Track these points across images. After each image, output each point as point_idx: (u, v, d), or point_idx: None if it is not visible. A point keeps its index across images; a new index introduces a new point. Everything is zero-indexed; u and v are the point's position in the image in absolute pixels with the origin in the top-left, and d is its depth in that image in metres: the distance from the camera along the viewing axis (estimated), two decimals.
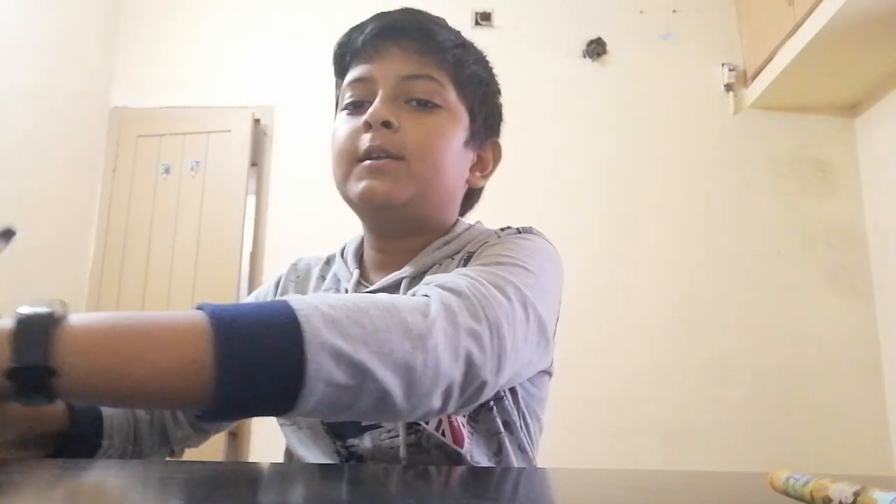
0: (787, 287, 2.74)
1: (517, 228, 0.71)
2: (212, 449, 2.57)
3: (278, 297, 0.76)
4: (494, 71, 0.76)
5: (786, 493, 0.29)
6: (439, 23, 0.70)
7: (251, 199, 3.04)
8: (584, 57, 3.04)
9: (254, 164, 3.05)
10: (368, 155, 0.65)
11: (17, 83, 2.59)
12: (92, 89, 3.09)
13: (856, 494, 0.25)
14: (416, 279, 0.68)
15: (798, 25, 2.37)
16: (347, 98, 0.69)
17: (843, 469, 2.55)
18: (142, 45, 3.24)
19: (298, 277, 0.77)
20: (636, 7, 3.07)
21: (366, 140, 0.65)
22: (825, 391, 2.63)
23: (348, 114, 0.69)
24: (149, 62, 3.22)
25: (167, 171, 3.04)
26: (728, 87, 2.93)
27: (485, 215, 0.79)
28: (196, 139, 3.05)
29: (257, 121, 3.05)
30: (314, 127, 2.94)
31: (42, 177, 2.72)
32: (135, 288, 2.93)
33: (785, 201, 2.83)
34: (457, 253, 0.70)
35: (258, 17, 3.21)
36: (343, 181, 0.68)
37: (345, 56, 0.72)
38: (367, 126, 0.65)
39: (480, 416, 0.66)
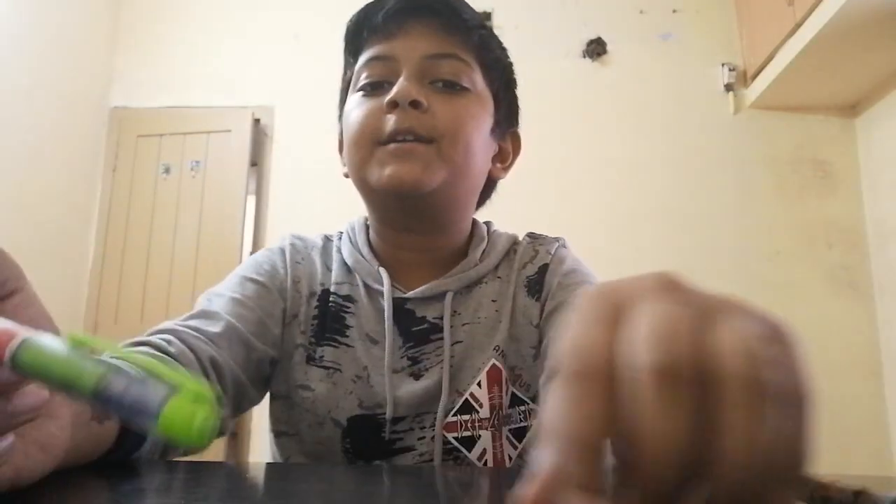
0: (787, 287, 2.74)
1: (556, 239, 0.70)
2: (212, 449, 2.57)
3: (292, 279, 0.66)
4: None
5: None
6: (462, 0, 0.65)
7: (251, 199, 3.04)
8: (584, 57, 3.04)
9: (254, 164, 3.05)
10: (394, 137, 0.58)
11: (17, 83, 2.59)
12: (92, 89, 3.09)
13: (856, 495, 0.25)
14: (460, 294, 0.65)
15: (798, 25, 2.37)
16: (364, 79, 0.63)
17: (843, 469, 2.55)
18: (142, 45, 3.24)
19: (304, 260, 0.69)
20: (636, 7, 3.07)
21: (391, 121, 0.59)
22: (825, 391, 2.62)
23: (364, 95, 0.63)
24: (149, 62, 3.22)
25: (167, 171, 3.04)
26: (728, 87, 2.93)
27: (484, 215, 0.78)
28: (196, 139, 3.05)
29: (257, 121, 3.05)
30: (314, 127, 2.93)
31: (42, 177, 2.72)
32: (135, 288, 2.93)
33: (785, 201, 2.83)
34: (497, 267, 0.68)
35: (258, 17, 3.21)
36: (361, 166, 0.61)
37: (360, 33, 0.65)
38: (392, 106, 0.59)
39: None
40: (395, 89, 0.59)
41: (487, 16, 3.08)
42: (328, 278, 0.68)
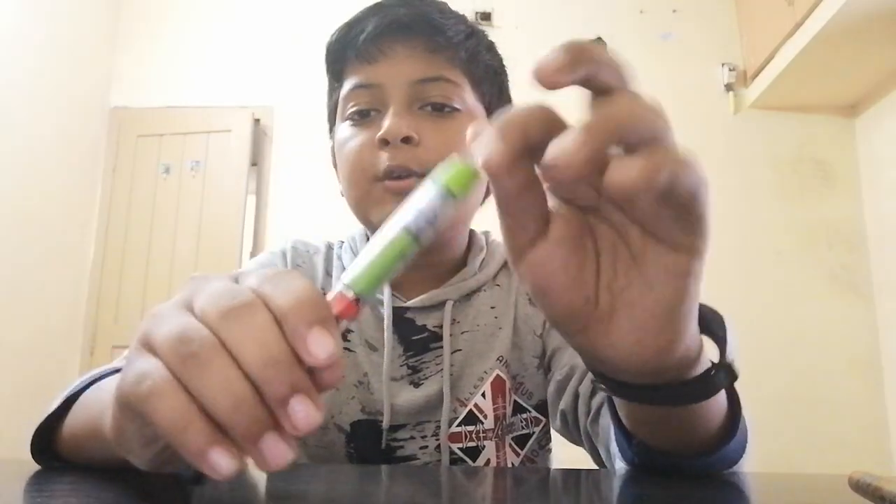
0: (787, 287, 2.74)
1: None
2: None
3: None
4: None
5: (859, 492, 0.30)
6: (444, 11, 0.62)
7: (251, 199, 3.04)
8: None
9: (254, 164, 3.05)
10: (389, 174, 0.57)
11: (18, 83, 2.59)
12: (92, 89, 3.09)
13: None
14: (459, 303, 0.64)
15: (798, 25, 2.38)
16: (351, 107, 0.61)
17: (843, 469, 2.55)
18: (142, 45, 3.24)
19: (305, 264, 0.69)
20: (636, 7, 3.07)
21: (384, 158, 0.57)
22: (825, 391, 2.63)
23: (353, 124, 0.61)
24: (149, 62, 3.22)
25: (167, 171, 3.04)
26: (728, 87, 2.93)
27: (484, 220, 0.78)
28: (196, 139, 3.06)
29: (257, 121, 3.05)
30: (314, 127, 2.93)
31: (42, 177, 2.72)
32: (135, 288, 2.93)
33: (785, 201, 2.83)
34: (496, 275, 0.67)
35: (258, 17, 3.21)
36: (361, 203, 0.61)
37: (342, 56, 0.63)
38: (384, 142, 0.57)
39: (538, 457, 0.66)
40: (385, 125, 0.57)
41: (487, 15, 3.08)
42: (328, 284, 0.67)
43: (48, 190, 2.75)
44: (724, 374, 0.31)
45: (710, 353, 0.34)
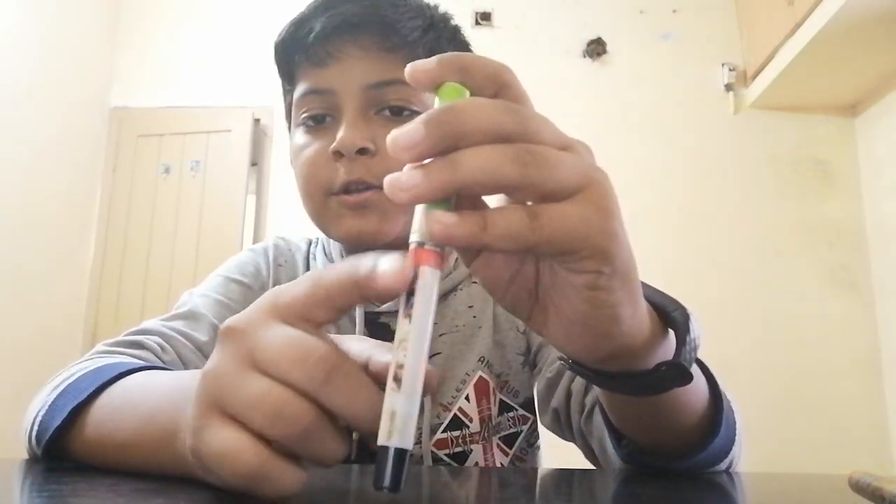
0: (787, 287, 2.74)
1: None
2: None
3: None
4: (467, 38, 0.64)
5: (859, 492, 0.30)
6: (398, 4, 0.57)
7: (251, 199, 3.04)
8: (584, 57, 3.04)
9: (254, 163, 3.05)
10: (345, 188, 0.55)
11: (18, 83, 2.59)
12: (92, 89, 3.09)
13: None
14: (436, 304, 0.62)
15: (798, 25, 2.38)
16: (304, 113, 0.58)
17: (843, 469, 2.55)
18: (142, 45, 3.24)
19: (286, 262, 0.67)
20: (636, 7, 3.07)
21: (340, 171, 0.55)
22: (825, 391, 2.63)
23: (307, 131, 0.58)
24: (149, 62, 3.22)
25: (167, 171, 3.04)
26: (728, 87, 2.93)
27: None
28: (196, 139, 3.06)
29: (257, 121, 3.05)
30: None
31: (42, 177, 2.72)
32: (135, 288, 2.93)
33: (785, 201, 2.83)
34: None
35: (258, 17, 3.21)
36: (318, 218, 0.58)
37: (291, 57, 0.59)
38: (338, 154, 0.54)
39: (527, 455, 0.65)
40: (338, 137, 0.54)
41: (487, 15, 3.08)
42: None
43: (48, 190, 2.75)
44: (675, 372, 0.31)
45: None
